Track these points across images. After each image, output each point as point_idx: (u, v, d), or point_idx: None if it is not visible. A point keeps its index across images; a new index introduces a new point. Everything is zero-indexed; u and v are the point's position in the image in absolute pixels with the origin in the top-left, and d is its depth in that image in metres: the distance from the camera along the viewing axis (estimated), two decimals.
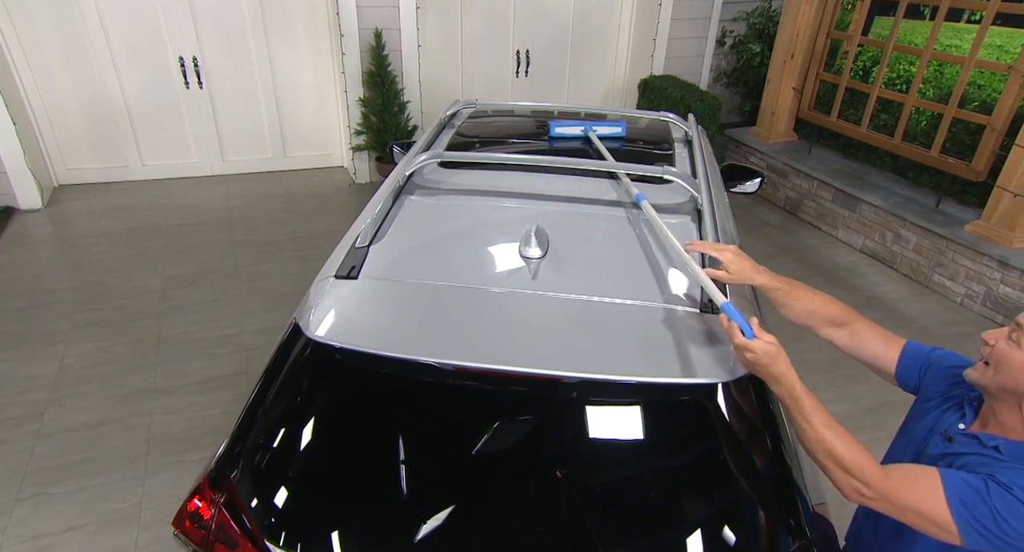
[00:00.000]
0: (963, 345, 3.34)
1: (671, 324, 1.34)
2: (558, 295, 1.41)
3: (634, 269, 1.52)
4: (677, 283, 1.48)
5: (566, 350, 1.28)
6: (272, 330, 3.26)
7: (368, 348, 1.28)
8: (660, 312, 1.37)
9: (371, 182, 5.10)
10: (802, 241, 4.48)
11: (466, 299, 1.40)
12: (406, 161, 1.99)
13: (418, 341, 1.30)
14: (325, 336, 1.31)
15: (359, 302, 1.42)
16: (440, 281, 1.45)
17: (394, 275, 1.48)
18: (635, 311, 1.37)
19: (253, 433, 1.30)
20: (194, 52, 4.60)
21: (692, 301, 1.41)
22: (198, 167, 5.05)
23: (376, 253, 1.56)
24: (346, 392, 1.35)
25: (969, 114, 3.78)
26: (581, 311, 1.37)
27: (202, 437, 2.57)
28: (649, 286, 1.46)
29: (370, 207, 1.81)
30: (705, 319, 1.36)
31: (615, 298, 1.40)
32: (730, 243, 1.72)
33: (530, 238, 1.53)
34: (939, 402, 1.23)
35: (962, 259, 3.69)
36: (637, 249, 1.60)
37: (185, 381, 2.90)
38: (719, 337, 1.31)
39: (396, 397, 1.34)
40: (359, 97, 4.74)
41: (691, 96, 4.99)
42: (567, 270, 1.50)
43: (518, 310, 1.37)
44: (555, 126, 2.29)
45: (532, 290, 1.42)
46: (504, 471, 1.28)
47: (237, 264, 3.90)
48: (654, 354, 1.27)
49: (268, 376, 1.36)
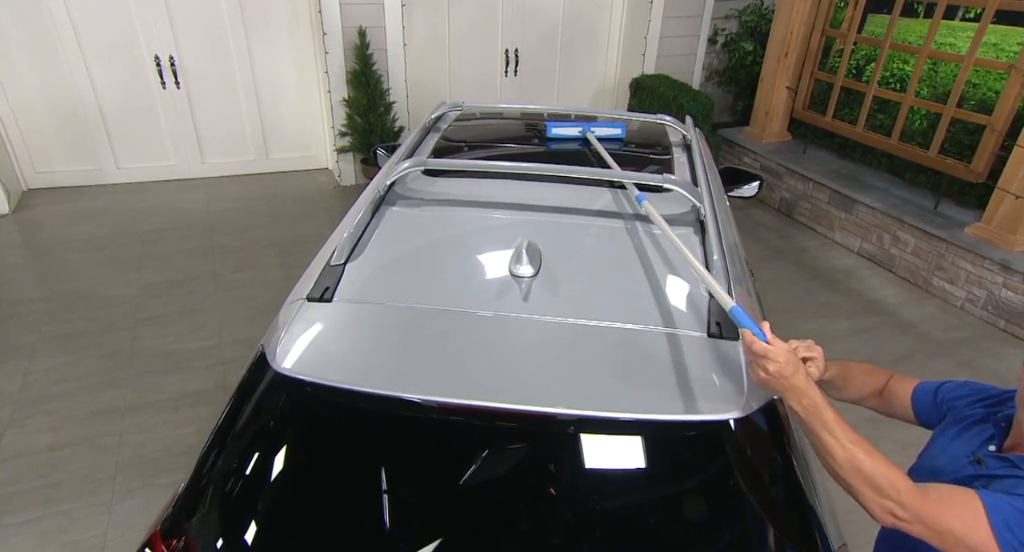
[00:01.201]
0: (965, 350, 3.26)
1: (676, 351, 1.22)
2: (551, 319, 1.28)
3: (634, 287, 1.40)
4: (681, 302, 1.36)
5: (560, 384, 1.16)
6: (252, 341, 3.09)
7: (342, 383, 1.14)
8: (663, 338, 1.25)
9: (356, 184, 4.95)
10: (798, 243, 4.39)
11: (451, 325, 1.27)
12: (387, 169, 1.86)
13: (398, 374, 1.17)
14: (293, 368, 1.18)
15: (332, 328, 1.28)
16: (422, 304, 1.32)
17: (372, 297, 1.35)
18: (635, 337, 1.25)
19: (213, 477, 1.17)
20: (170, 51, 4.43)
21: (698, 324, 1.29)
22: (176, 170, 4.88)
23: (353, 272, 1.42)
24: (318, 432, 1.22)
25: (969, 114, 3.70)
26: (576, 337, 1.24)
27: (174, 458, 2.42)
28: (650, 307, 1.34)
29: (347, 220, 1.67)
30: (714, 345, 1.24)
31: (613, 322, 1.27)
32: (735, 257, 1.60)
33: (521, 255, 1.40)
34: (960, 429, 1.14)
35: (962, 262, 3.61)
36: (637, 264, 1.48)
37: (159, 397, 2.75)
38: (729, 366, 1.19)
39: (374, 437, 1.20)
40: (343, 97, 4.60)
41: (684, 95, 4.89)
42: (561, 290, 1.37)
43: (507, 337, 1.25)
44: (552, 126, 2.17)
45: (523, 313, 1.29)
46: (494, 519, 1.15)
47: (216, 271, 3.74)
48: (658, 387, 1.15)
49: (231, 412, 1.23)
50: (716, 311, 1.32)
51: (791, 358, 1.02)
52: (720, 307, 1.32)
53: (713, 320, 1.29)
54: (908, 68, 4.41)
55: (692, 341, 1.24)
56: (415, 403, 1.13)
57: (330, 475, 1.17)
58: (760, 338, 1.05)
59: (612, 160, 1.90)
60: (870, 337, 3.35)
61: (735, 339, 1.25)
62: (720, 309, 1.32)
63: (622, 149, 2.15)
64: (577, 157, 2.07)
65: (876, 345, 3.28)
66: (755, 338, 1.05)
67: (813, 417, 1.00)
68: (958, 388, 1.18)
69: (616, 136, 2.19)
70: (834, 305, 3.65)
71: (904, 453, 1.24)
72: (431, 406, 1.13)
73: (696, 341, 1.24)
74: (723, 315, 1.30)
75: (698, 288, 1.41)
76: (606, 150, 1.99)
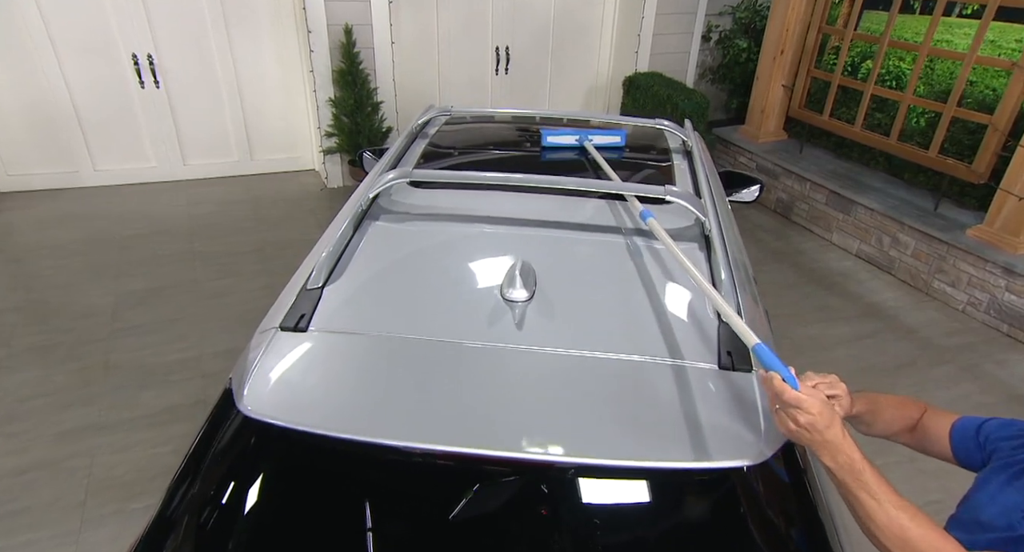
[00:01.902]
0: (968, 356, 3.19)
1: (684, 387, 1.10)
2: (546, 350, 1.17)
3: (636, 312, 1.29)
4: (689, 328, 1.25)
5: (556, 427, 1.04)
6: (233, 353, 2.99)
7: (316, 428, 1.02)
8: (670, 371, 1.13)
9: (344, 186, 4.82)
10: (795, 245, 4.31)
11: (438, 358, 1.15)
12: (371, 180, 1.73)
13: (378, 417, 1.05)
14: (262, 410, 1.06)
15: (307, 363, 1.16)
16: (407, 333, 1.20)
17: (352, 326, 1.23)
18: (639, 370, 1.14)
19: (172, 532, 1.05)
20: (148, 49, 4.28)
21: (708, 353, 1.18)
22: (157, 172, 4.72)
23: (331, 296, 1.30)
24: (290, 481, 1.09)
25: (970, 113, 3.62)
26: (573, 371, 1.13)
27: (149, 481, 2.30)
28: (655, 335, 1.23)
29: (327, 237, 1.55)
30: (726, 379, 1.13)
31: (615, 353, 1.16)
32: (744, 275, 1.49)
33: (514, 277, 1.28)
34: (1010, 476, 1.01)
35: (964, 265, 3.54)
36: (638, 285, 1.37)
37: (134, 414, 2.62)
38: (743, 402, 1.08)
39: (352, 488, 1.08)
40: (329, 97, 4.46)
41: (678, 94, 4.79)
42: (557, 316, 1.26)
43: (500, 371, 1.14)
44: (547, 135, 2.05)
45: (516, 344, 1.18)
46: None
47: (197, 278, 3.61)
48: (665, 430, 1.03)
49: (195, 457, 1.10)
50: (726, 337, 1.21)
51: (826, 409, 0.91)
52: (729, 331, 1.22)
53: (724, 349, 1.18)
54: (904, 65, 4.33)
55: (702, 375, 1.13)
56: (397, 450, 1.01)
57: (303, 530, 1.04)
58: (790, 384, 0.93)
59: (611, 169, 1.79)
60: (871, 343, 3.27)
61: (748, 370, 1.15)
62: (730, 334, 1.21)
63: (622, 158, 2.04)
64: (573, 166, 1.96)
65: (877, 351, 3.19)
66: (780, 384, 0.93)
67: (850, 476, 0.89)
68: (1004, 427, 1.06)
69: (615, 145, 2.07)
70: (833, 309, 3.56)
71: None
72: (416, 453, 1.01)
73: (706, 375, 1.13)
74: (734, 341, 1.19)
75: (707, 311, 1.30)
76: (605, 159, 1.88)
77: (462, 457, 1.00)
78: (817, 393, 0.94)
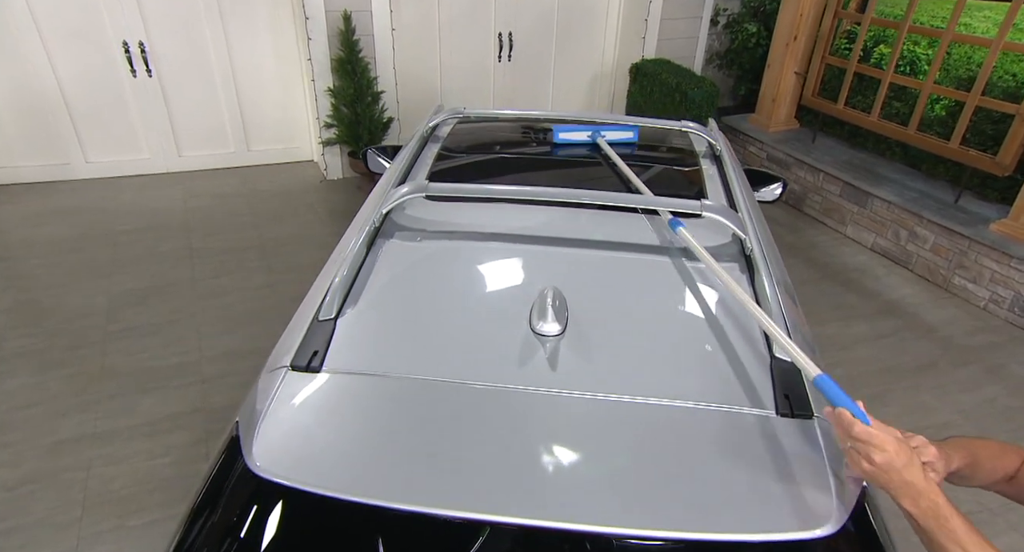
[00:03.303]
0: (992, 356, 3.09)
1: (740, 439, 0.98)
2: (583, 396, 1.04)
3: (680, 346, 1.17)
4: (739, 366, 1.12)
5: (601, 490, 0.92)
6: (234, 355, 2.89)
7: (342, 492, 0.90)
8: (720, 419, 1.01)
9: (344, 178, 4.69)
10: (808, 238, 4.20)
11: (468, 405, 1.04)
12: (381, 191, 1.61)
13: (411, 479, 0.93)
14: (277, 470, 0.92)
15: (324, 410, 1.03)
16: (432, 374, 1.08)
17: (370, 366, 1.11)
18: (687, 418, 1.01)
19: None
20: (140, 36, 4.11)
21: (763, 396, 1.05)
22: (151, 164, 4.58)
23: (346, 329, 1.18)
24: None
25: (996, 102, 3.49)
26: (613, 421, 1.01)
27: (148, 494, 2.20)
28: (702, 374, 1.11)
29: (336, 258, 1.42)
30: (786, 429, 1.00)
31: (657, 397, 1.04)
32: (790, 300, 1.36)
33: (545, 308, 1.16)
34: None
35: (987, 260, 3.43)
36: (679, 313, 1.25)
37: (132, 422, 2.52)
38: (808, 457, 0.96)
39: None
40: (328, 86, 4.31)
41: (687, 82, 4.65)
42: (593, 354, 1.14)
43: (535, 422, 1.02)
44: (559, 131, 1.96)
45: (549, 387, 1.06)
46: None
47: (195, 277, 3.49)
48: (721, 494, 0.91)
49: (195, 521, 0.97)
50: (781, 377, 1.09)
51: (902, 447, 0.81)
52: (785, 369, 1.10)
53: (780, 391, 1.06)
54: (919, 49, 4.19)
55: (758, 423, 1.01)
56: (433, 518, 0.89)
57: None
58: (860, 419, 0.83)
59: (639, 180, 1.66)
60: (891, 342, 3.17)
61: (809, 416, 1.03)
62: (786, 373, 1.09)
63: (645, 163, 1.91)
64: (597, 174, 1.83)
65: (898, 352, 3.10)
66: (849, 420, 0.83)
67: (935, 523, 0.79)
68: None
69: (628, 140, 1.97)
70: (851, 306, 3.46)
71: None
72: (455, 523, 0.89)
73: (763, 423, 1.01)
74: (790, 381, 1.07)
75: (757, 344, 1.17)
76: (628, 165, 1.75)
77: (503, 526, 0.88)
78: (891, 430, 0.84)
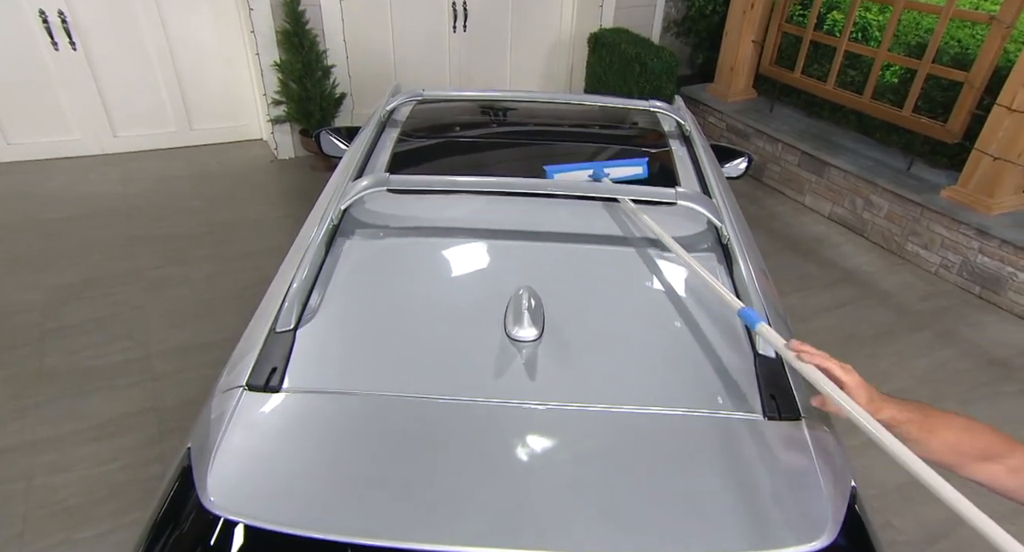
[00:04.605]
0: (943, 320, 3.19)
1: (729, 446, 0.94)
2: (565, 408, 0.98)
3: (661, 348, 1.12)
4: (723, 366, 1.08)
5: (589, 512, 0.86)
6: (186, 350, 2.74)
7: (310, 529, 0.82)
8: (710, 426, 0.97)
9: (296, 157, 4.48)
10: (768, 209, 4.23)
11: (442, 422, 0.97)
12: (337, 183, 1.49)
13: (385, 511, 0.85)
14: (235, 507, 0.84)
15: (285, 435, 0.94)
16: (403, 390, 1.00)
17: (335, 382, 1.02)
18: (676, 427, 0.97)
19: None
20: (58, 4, 3.78)
21: (749, 398, 1.02)
22: (82, 145, 4.28)
23: (306, 342, 1.08)
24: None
25: (946, 70, 3.54)
26: (598, 434, 0.96)
27: (98, 504, 2.08)
28: (686, 377, 1.06)
29: (291, 260, 1.30)
30: (775, 432, 0.97)
31: (643, 406, 0.99)
32: (764, 283, 1.33)
33: (520, 312, 1.08)
34: None
35: (937, 227, 3.52)
36: (658, 310, 1.19)
37: (76, 426, 2.37)
38: (798, 462, 0.93)
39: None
40: (274, 61, 4.07)
41: (646, 52, 4.57)
42: (573, 360, 1.07)
43: (515, 438, 0.95)
44: (552, 172, 1.65)
45: (528, 399, 0.99)
46: None
47: (139, 267, 3.29)
48: (715, 511, 0.86)
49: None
50: (767, 376, 1.05)
51: None
52: (769, 367, 1.06)
53: (765, 392, 1.02)
54: (870, 15, 4.21)
55: (746, 428, 0.97)
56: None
57: None
58: None
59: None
60: (850, 310, 3.24)
61: (797, 418, 1.00)
62: (771, 371, 1.06)
63: (616, 146, 1.82)
64: (567, 154, 1.74)
65: (857, 319, 3.17)
66: None
67: None
68: None
69: (637, 176, 1.71)
70: (811, 276, 3.51)
71: None
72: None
73: (752, 428, 0.97)
74: (776, 380, 1.04)
75: (739, 340, 1.13)
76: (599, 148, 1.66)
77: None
78: None
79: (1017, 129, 3.15)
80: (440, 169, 1.70)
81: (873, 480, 2.19)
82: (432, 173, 1.64)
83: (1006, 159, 3.22)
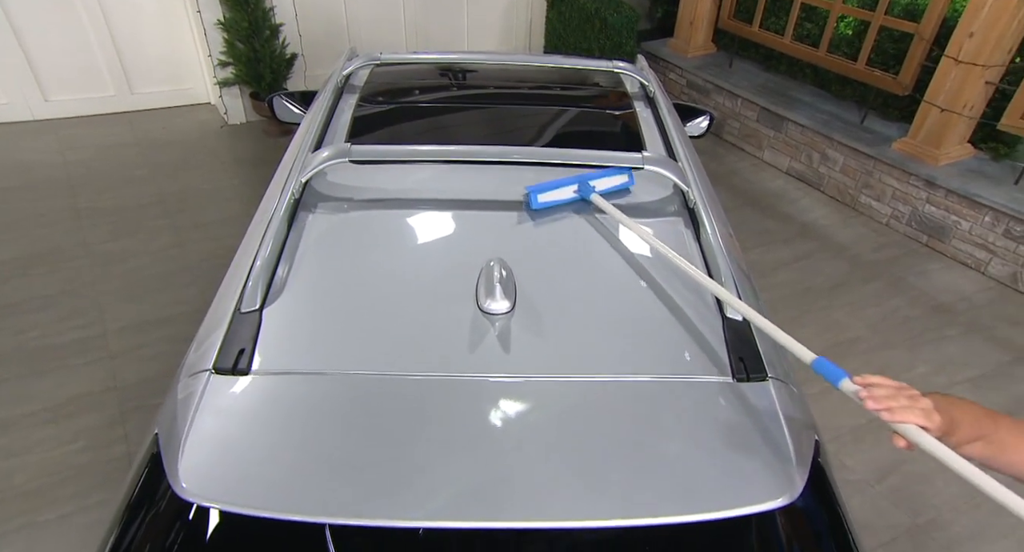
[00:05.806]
0: (893, 270, 3.32)
1: (700, 409, 0.96)
2: (541, 379, 0.98)
3: (631, 314, 1.12)
4: (693, 330, 1.09)
5: (565, 482, 0.87)
6: (143, 326, 2.66)
7: (286, 512, 0.81)
8: (682, 390, 0.99)
9: (247, 122, 4.30)
10: (728, 165, 4.28)
11: (416, 399, 0.95)
12: (294, 154, 1.42)
13: (363, 492, 0.84)
14: (208, 494, 0.82)
15: (258, 420, 0.92)
16: (375, 368, 0.99)
17: (305, 362, 1.00)
18: (647, 393, 0.98)
19: None
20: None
21: (718, 361, 1.03)
22: (12, 110, 4.02)
23: (273, 321, 1.05)
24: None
25: (897, 21, 3.58)
26: (572, 404, 0.96)
27: (60, 485, 2.03)
28: (656, 343, 1.06)
29: (253, 236, 1.26)
30: (743, 393, 0.99)
31: (615, 374, 1.00)
32: (734, 251, 1.33)
33: (492, 284, 1.07)
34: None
35: (888, 179, 3.62)
36: (626, 277, 1.19)
37: (31, 408, 2.29)
38: (765, 420, 0.95)
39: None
40: (218, 19, 3.85)
41: (606, 7, 4.49)
42: (546, 330, 1.07)
43: (491, 412, 0.95)
44: (535, 193, 1.38)
45: (503, 372, 0.99)
46: None
47: (87, 240, 3.15)
48: (687, 472, 0.88)
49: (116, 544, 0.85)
50: (735, 339, 1.07)
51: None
52: (736, 329, 1.08)
53: (734, 354, 1.04)
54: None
55: (717, 390, 0.99)
56: (390, 532, 0.82)
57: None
58: None
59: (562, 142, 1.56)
60: (807, 264, 3.33)
61: (764, 379, 1.02)
62: (738, 333, 1.08)
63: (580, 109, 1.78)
64: (533, 121, 1.71)
65: (814, 272, 3.27)
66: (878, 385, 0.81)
67: None
68: None
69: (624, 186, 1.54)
70: (771, 232, 3.59)
71: None
72: (412, 533, 0.82)
73: (721, 390, 0.99)
74: (742, 342, 1.06)
75: (705, 302, 1.14)
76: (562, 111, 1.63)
77: (461, 532, 0.82)
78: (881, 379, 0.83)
79: (963, 80, 3.23)
80: (402, 137, 1.65)
81: (829, 424, 2.31)
82: (394, 141, 1.59)
83: (952, 110, 3.31)
